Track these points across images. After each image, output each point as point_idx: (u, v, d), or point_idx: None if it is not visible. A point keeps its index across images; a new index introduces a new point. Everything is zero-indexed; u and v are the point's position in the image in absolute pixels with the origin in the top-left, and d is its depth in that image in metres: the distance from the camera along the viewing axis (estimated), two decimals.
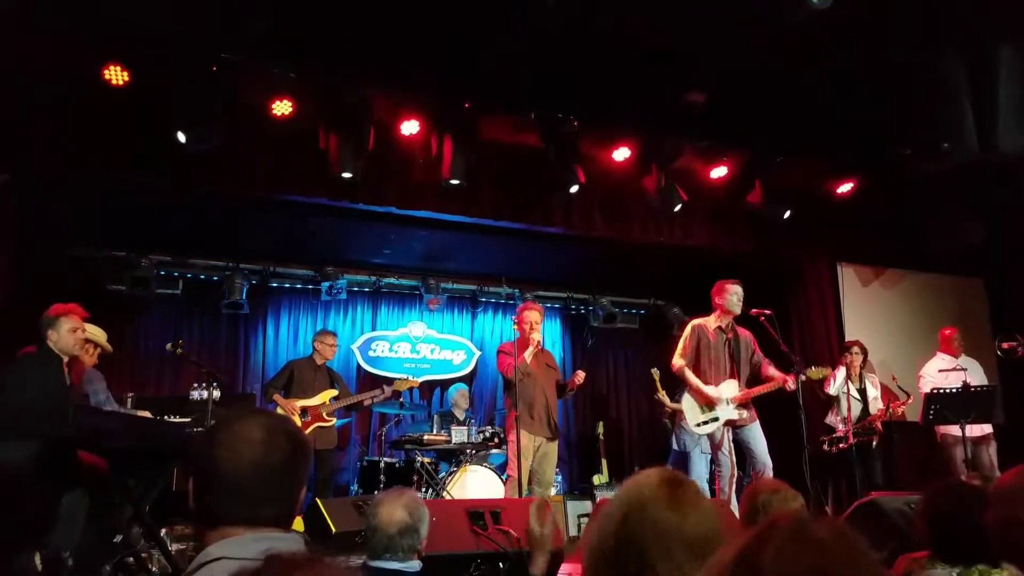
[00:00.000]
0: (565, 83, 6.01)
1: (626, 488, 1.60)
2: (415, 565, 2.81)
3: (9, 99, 5.25)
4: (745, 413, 5.89)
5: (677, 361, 5.97)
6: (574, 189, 6.46)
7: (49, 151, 5.60)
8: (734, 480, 5.88)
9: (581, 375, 6.17)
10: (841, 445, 6.57)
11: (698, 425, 5.88)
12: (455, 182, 6.22)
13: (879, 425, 6.76)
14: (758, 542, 0.97)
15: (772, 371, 5.93)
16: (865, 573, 0.96)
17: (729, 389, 5.89)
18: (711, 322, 6.04)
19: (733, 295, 5.97)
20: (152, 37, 5.28)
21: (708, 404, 5.84)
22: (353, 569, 1.05)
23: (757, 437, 5.88)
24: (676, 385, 6.51)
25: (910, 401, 6.69)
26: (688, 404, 5.95)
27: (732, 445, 5.91)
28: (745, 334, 6.11)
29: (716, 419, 5.85)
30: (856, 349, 6.97)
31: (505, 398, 6.24)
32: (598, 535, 1.51)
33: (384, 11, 5.23)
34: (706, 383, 5.88)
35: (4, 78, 5.17)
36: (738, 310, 6.00)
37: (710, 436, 5.91)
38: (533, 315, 6.05)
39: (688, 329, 6.09)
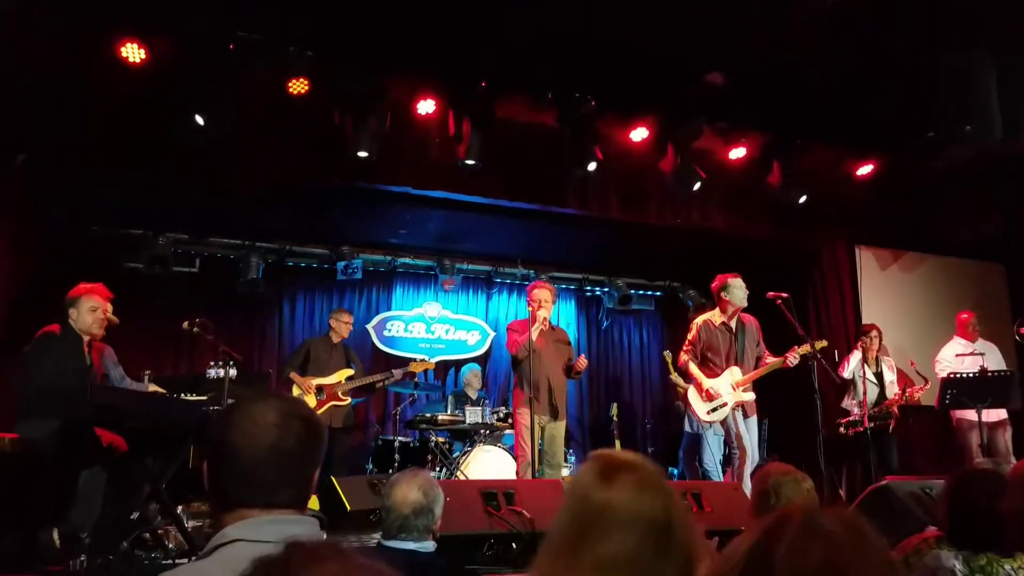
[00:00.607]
0: (583, 63, 5.94)
1: (571, 479, 1.58)
2: (430, 545, 2.84)
3: (16, 91, 5.26)
4: (750, 398, 5.94)
5: (683, 357, 6.13)
6: (592, 167, 6.41)
7: (67, 129, 5.63)
8: (746, 463, 5.90)
9: (584, 362, 6.13)
10: (858, 428, 6.54)
11: (708, 413, 5.96)
12: (471, 162, 6.20)
13: (896, 409, 6.72)
14: (769, 537, 0.97)
15: (770, 358, 6.01)
16: (875, 563, 0.96)
17: (732, 375, 5.95)
18: (716, 317, 6.10)
19: (738, 289, 6.02)
20: (166, 18, 5.28)
21: (710, 398, 5.94)
22: (379, 565, 1.02)
23: (752, 431, 5.97)
24: None
25: (927, 387, 6.65)
26: (694, 394, 6.06)
27: (744, 429, 5.93)
28: (751, 321, 6.14)
29: (724, 404, 5.92)
30: (874, 333, 6.92)
31: (513, 378, 6.19)
32: (554, 527, 1.49)
33: None
34: (713, 375, 5.98)
35: (11, 69, 5.18)
36: (745, 303, 6.04)
37: (723, 422, 5.96)
38: (543, 293, 5.98)
39: (693, 327, 6.19)
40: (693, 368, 6.05)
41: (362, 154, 5.92)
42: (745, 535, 1.01)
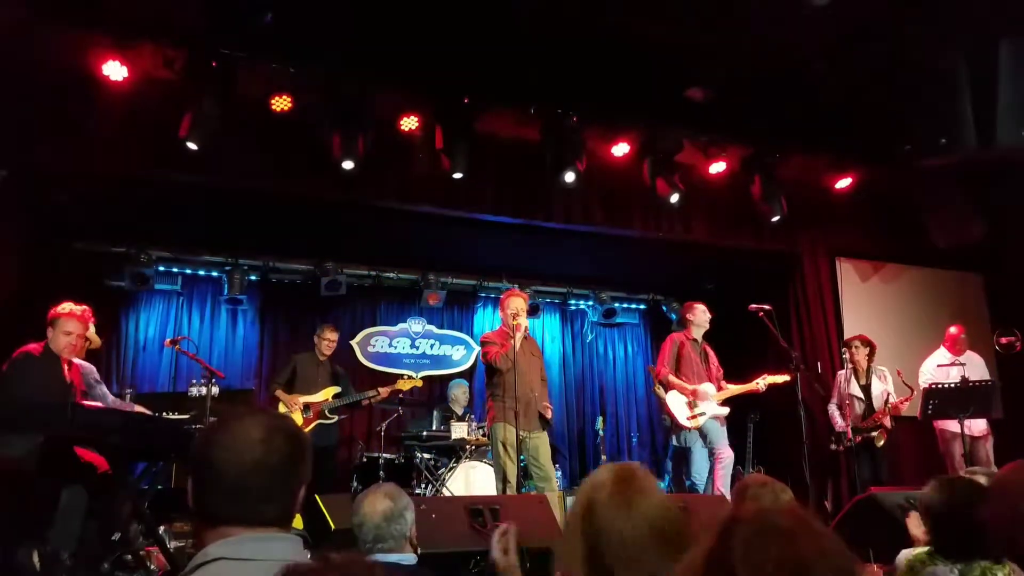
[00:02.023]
0: (566, 78, 5.98)
1: (581, 490, 1.66)
2: (410, 557, 2.82)
3: (11, 95, 5.25)
4: (725, 412, 6.29)
5: (661, 369, 6.42)
6: (570, 178, 6.42)
7: (50, 145, 5.61)
8: (726, 469, 6.08)
9: (549, 412, 5.92)
10: (846, 442, 6.53)
11: (688, 418, 6.22)
12: (456, 177, 6.21)
13: (887, 421, 6.69)
14: (725, 539, 0.98)
15: (731, 386, 6.43)
16: (831, 555, 0.98)
17: (710, 389, 6.29)
18: (686, 335, 6.52)
19: (703, 314, 6.53)
20: (151, 33, 5.29)
21: (693, 400, 6.24)
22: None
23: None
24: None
25: (913, 396, 6.63)
26: (675, 400, 6.30)
27: (722, 435, 6.21)
28: (708, 348, 6.58)
29: (703, 413, 6.20)
30: (857, 343, 6.88)
31: (486, 390, 5.95)
32: (564, 538, 1.56)
33: (386, 5, 5.22)
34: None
35: (6, 74, 5.17)
36: (707, 326, 6.52)
37: (701, 429, 6.19)
38: (517, 302, 5.83)
39: (668, 341, 6.56)
40: (674, 380, 6.33)
41: (347, 165, 5.88)
42: (702, 540, 1.03)
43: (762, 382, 6.30)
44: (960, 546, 2.43)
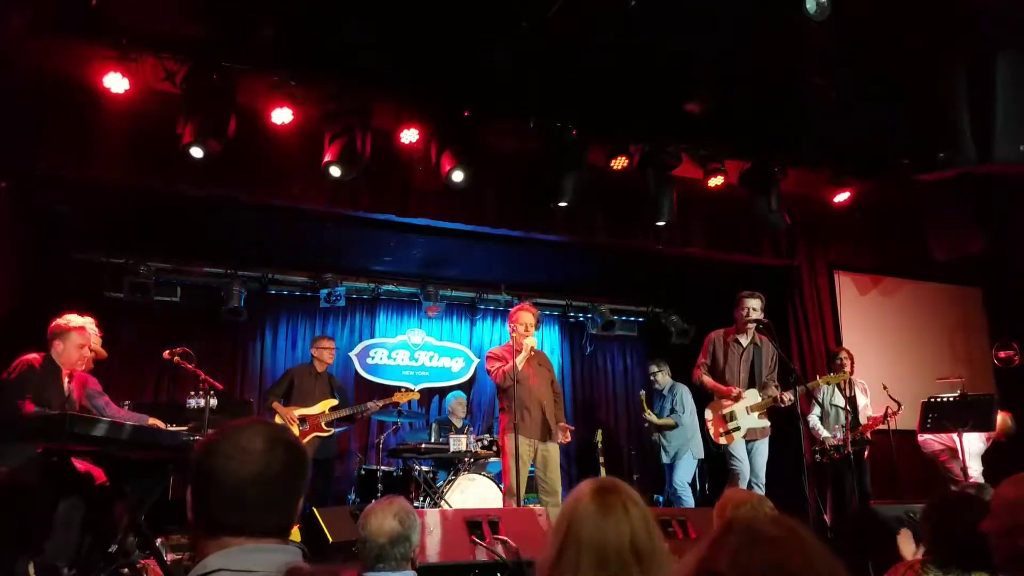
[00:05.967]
0: (565, 91, 6.01)
1: (566, 501, 1.71)
2: (410, 574, 2.81)
3: (12, 106, 5.27)
4: (765, 425, 5.98)
5: (696, 372, 6.16)
6: (563, 204, 6.46)
7: (51, 156, 5.63)
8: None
9: (565, 436, 5.91)
10: (833, 455, 6.51)
11: (722, 435, 5.98)
12: (456, 187, 6.22)
13: (869, 435, 6.66)
14: (714, 548, 1.01)
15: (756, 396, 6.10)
16: (818, 564, 0.99)
17: (750, 398, 5.97)
18: (728, 333, 6.17)
19: (746, 309, 6.05)
20: (153, 46, 5.31)
21: (729, 413, 5.94)
22: None
23: (762, 452, 5.98)
24: (654, 403, 7.23)
25: (900, 411, 6.60)
26: (711, 416, 6.08)
27: (747, 454, 5.98)
28: (767, 343, 6.16)
29: (738, 428, 5.93)
30: (845, 355, 6.88)
31: (500, 403, 5.98)
32: (546, 548, 1.62)
33: (384, 18, 5.25)
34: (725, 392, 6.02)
35: (7, 85, 5.19)
36: (750, 329, 6.08)
37: (730, 447, 5.97)
38: (527, 317, 5.81)
39: (706, 339, 6.27)
40: (708, 381, 6.06)
41: (345, 177, 5.88)
42: (693, 551, 1.05)
43: (789, 398, 5.84)
44: (959, 557, 2.43)
